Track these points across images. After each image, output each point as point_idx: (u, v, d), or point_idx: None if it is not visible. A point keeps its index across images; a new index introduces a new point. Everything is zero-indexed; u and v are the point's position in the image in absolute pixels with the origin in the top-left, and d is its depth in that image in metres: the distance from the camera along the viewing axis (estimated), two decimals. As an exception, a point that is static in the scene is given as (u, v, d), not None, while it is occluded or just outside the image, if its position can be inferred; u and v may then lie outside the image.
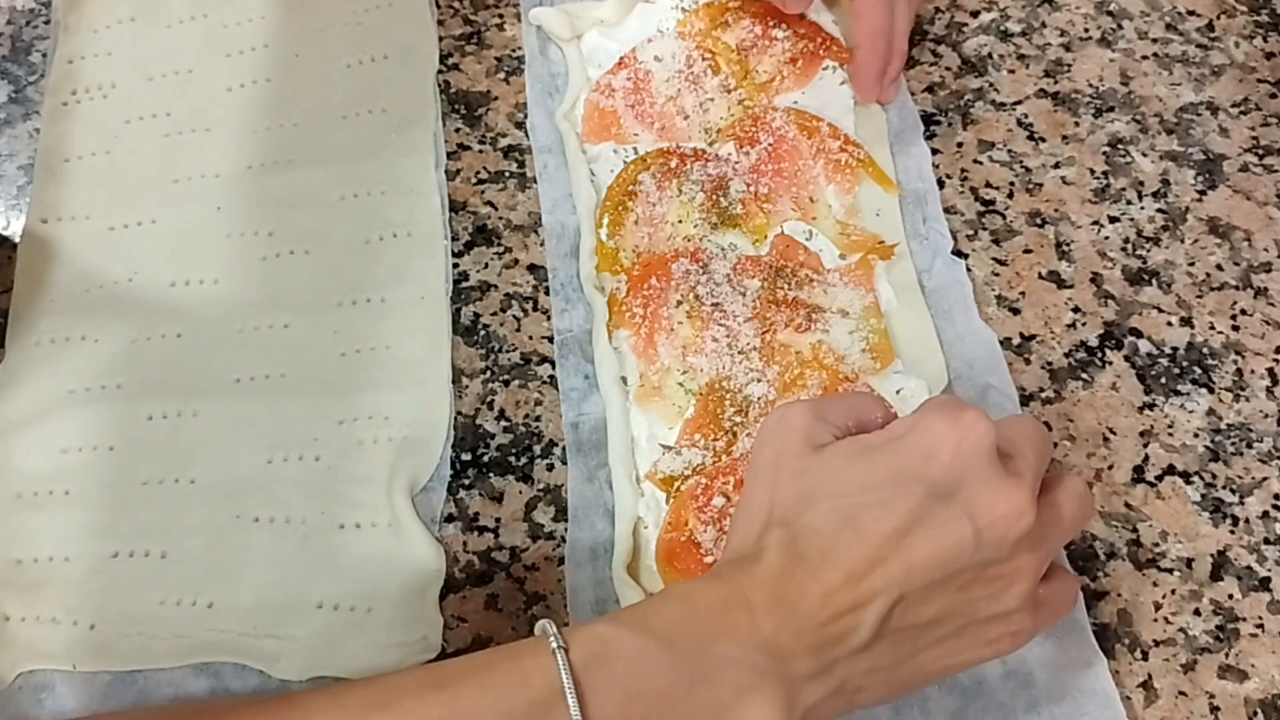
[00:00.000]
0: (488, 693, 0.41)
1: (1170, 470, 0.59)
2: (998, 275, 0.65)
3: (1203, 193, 0.68)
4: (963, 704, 0.52)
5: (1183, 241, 0.66)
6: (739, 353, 0.59)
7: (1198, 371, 0.62)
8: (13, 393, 0.61)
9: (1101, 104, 0.71)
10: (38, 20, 0.77)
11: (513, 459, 0.59)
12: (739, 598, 0.43)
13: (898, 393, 0.58)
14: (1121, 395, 0.61)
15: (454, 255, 0.66)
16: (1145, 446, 0.60)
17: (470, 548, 0.57)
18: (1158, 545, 0.57)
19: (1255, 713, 0.52)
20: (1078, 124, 0.71)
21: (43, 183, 0.69)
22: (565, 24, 0.72)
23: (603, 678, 0.41)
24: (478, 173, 0.69)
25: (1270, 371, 0.62)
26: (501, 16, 0.76)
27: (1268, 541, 0.57)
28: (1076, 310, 0.64)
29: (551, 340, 0.62)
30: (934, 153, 0.69)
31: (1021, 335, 0.63)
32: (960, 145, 0.70)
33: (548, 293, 0.64)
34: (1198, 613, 0.55)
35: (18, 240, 0.67)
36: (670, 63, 0.70)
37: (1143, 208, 0.67)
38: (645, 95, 0.69)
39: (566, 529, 0.57)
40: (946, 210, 0.67)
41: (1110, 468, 0.59)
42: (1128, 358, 0.62)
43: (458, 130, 0.71)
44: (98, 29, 0.74)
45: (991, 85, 0.72)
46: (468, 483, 0.59)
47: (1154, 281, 0.65)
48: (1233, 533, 0.57)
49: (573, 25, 0.72)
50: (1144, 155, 0.69)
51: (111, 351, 0.62)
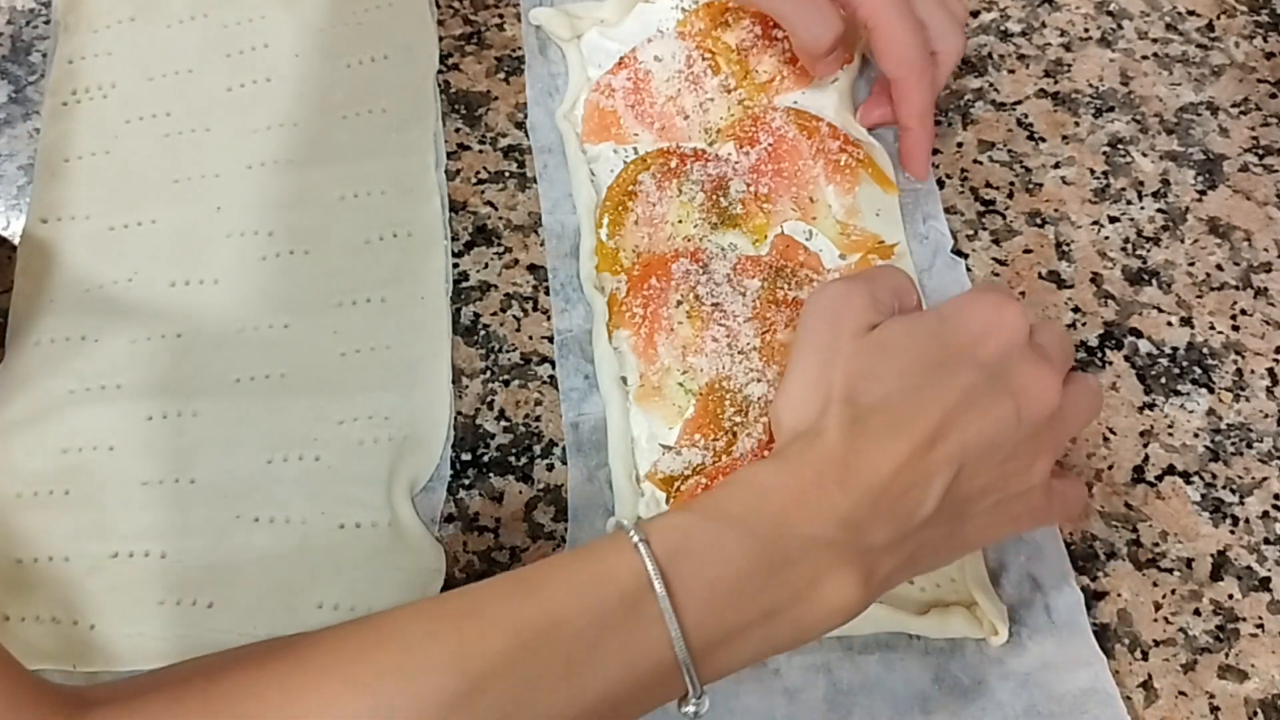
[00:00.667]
0: (577, 592, 0.41)
1: (1170, 470, 0.59)
2: (998, 275, 0.65)
3: (1203, 193, 0.68)
4: (963, 704, 0.52)
5: (1183, 241, 0.66)
6: (739, 353, 0.59)
7: (1198, 371, 0.62)
8: (13, 393, 0.61)
9: (1101, 104, 0.71)
10: (38, 20, 0.77)
11: (513, 459, 0.59)
12: (811, 476, 0.44)
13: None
14: (1121, 395, 0.61)
15: (454, 255, 0.66)
16: (1145, 446, 0.60)
17: (470, 548, 0.57)
18: (1158, 545, 0.57)
19: (1255, 713, 0.52)
20: (1078, 124, 0.71)
21: (43, 183, 0.69)
22: (565, 24, 0.72)
23: (686, 567, 0.42)
24: (478, 173, 0.69)
25: (1270, 371, 0.62)
26: (501, 16, 0.76)
27: (1268, 541, 0.57)
28: (1076, 310, 0.64)
29: (551, 340, 0.62)
30: (934, 152, 0.69)
31: (1021, 335, 0.63)
32: (960, 145, 0.70)
33: (548, 293, 0.64)
34: (1198, 613, 0.55)
35: (18, 240, 0.67)
36: (670, 63, 0.70)
37: (1143, 208, 0.67)
38: (645, 95, 0.69)
39: (566, 529, 0.57)
40: (946, 210, 0.67)
41: (1110, 468, 0.59)
42: (1128, 358, 0.62)
43: (458, 130, 0.71)
44: (98, 29, 0.74)
45: (991, 85, 0.72)
46: (468, 483, 0.59)
47: (1154, 281, 0.65)
48: (1233, 533, 0.57)
49: (573, 25, 0.72)
50: (1144, 155, 0.69)
51: (111, 351, 0.62)
